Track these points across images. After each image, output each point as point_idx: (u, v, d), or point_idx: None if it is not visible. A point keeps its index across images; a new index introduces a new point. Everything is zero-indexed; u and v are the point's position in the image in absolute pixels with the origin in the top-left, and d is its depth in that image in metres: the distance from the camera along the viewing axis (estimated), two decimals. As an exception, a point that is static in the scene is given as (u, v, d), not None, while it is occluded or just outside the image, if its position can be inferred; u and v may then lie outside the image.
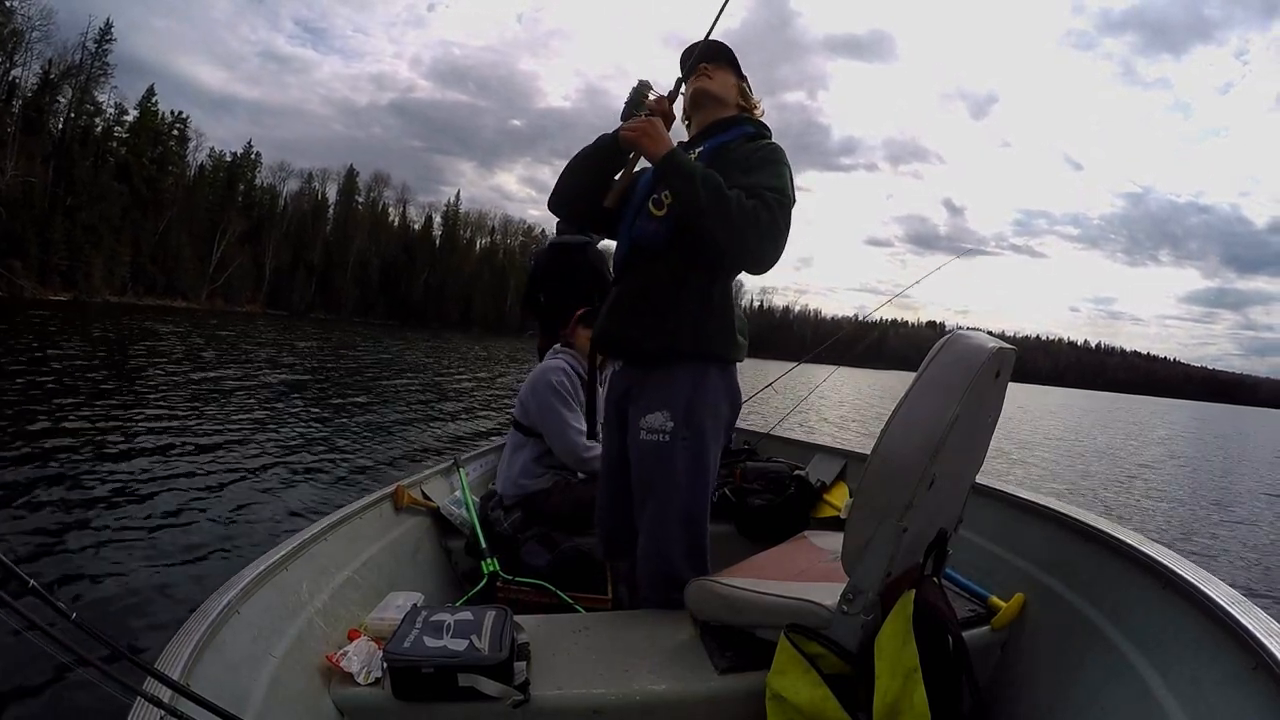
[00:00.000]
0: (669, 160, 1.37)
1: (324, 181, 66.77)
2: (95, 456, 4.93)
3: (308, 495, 4.50)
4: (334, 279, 62.08)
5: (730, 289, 1.51)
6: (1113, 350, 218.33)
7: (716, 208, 1.30)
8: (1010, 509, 1.52)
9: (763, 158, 1.43)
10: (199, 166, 54.14)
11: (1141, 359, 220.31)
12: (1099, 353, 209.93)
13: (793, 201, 1.40)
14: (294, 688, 1.09)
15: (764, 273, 1.41)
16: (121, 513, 3.78)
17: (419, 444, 6.72)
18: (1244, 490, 10.02)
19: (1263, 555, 5.83)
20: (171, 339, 16.72)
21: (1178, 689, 0.93)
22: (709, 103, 1.57)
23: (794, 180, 1.44)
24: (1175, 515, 7.38)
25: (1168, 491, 9.03)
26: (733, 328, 1.47)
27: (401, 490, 1.93)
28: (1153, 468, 11.70)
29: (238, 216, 53.06)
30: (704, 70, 1.57)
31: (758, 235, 1.31)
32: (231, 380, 9.87)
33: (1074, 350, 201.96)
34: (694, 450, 1.44)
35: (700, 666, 1.21)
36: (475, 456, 2.60)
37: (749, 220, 1.30)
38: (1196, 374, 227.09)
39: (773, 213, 1.31)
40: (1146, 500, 8.10)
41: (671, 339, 1.44)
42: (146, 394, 7.83)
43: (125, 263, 40.83)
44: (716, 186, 1.31)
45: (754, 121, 1.58)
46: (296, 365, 13.87)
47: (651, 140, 1.39)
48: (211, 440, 5.80)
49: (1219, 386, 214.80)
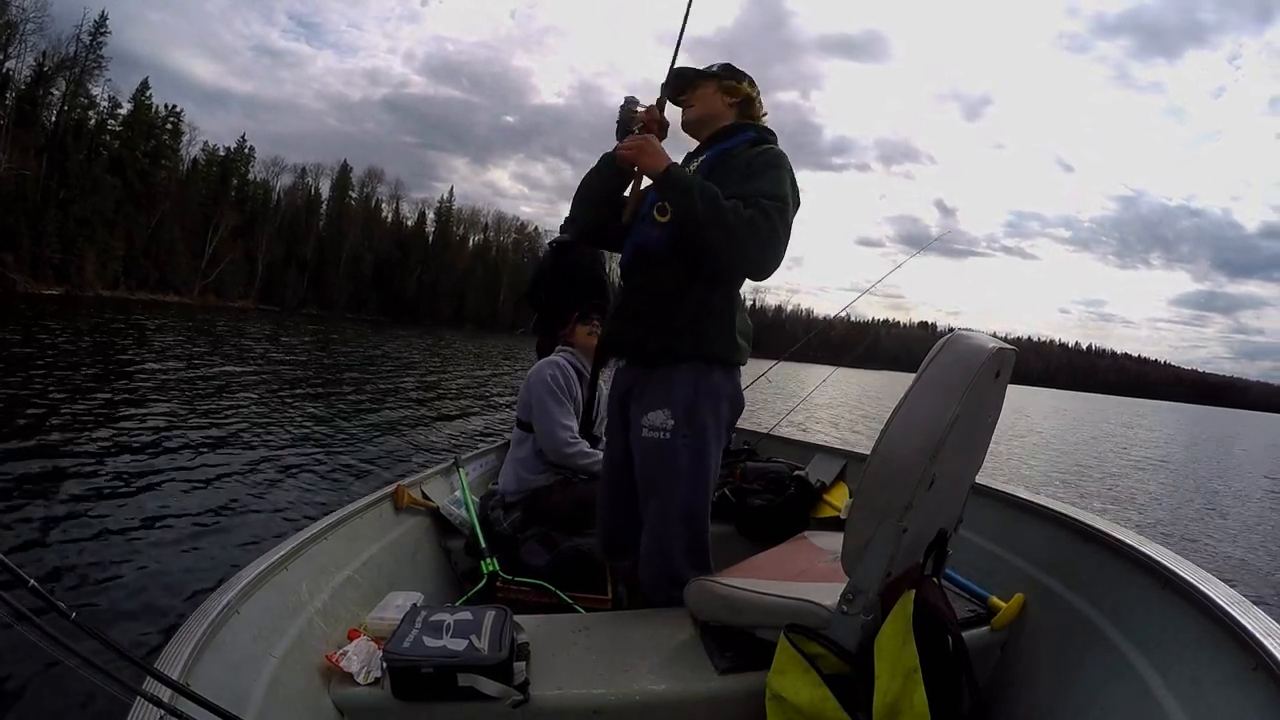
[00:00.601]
0: (666, 176, 1.40)
1: (317, 177, 66.37)
2: (94, 455, 4.90)
3: (307, 494, 4.49)
4: (326, 275, 61.64)
5: (734, 293, 1.52)
6: (1104, 352, 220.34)
7: (714, 219, 1.32)
8: (1010, 509, 1.52)
9: (764, 163, 1.44)
10: (192, 160, 53.69)
11: (1132, 361, 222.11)
12: (1090, 354, 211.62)
13: (795, 206, 1.42)
14: (294, 687, 1.09)
15: (765, 278, 1.42)
16: (121, 511, 3.77)
17: (416, 443, 6.71)
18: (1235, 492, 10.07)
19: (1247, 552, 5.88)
20: (166, 335, 16.65)
21: (1178, 689, 0.94)
22: (699, 126, 1.60)
23: (796, 184, 1.45)
24: (1163, 512, 7.44)
25: (1157, 492, 9.10)
26: (734, 331, 1.49)
27: (401, 490, 1.93)
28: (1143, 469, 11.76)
29: (231, 211, 52.61)
30: (682, 101, 1.60)
31: (757, 244, 1.33)
32: (227, 378, 9.84)
33: (1065, 352, 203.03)
34: (694, 448, 1.46)
35: (700, 666, 1.21)
36: (475, 456, 2.60)
37: (747, 230, 1.32)
38: (1187, 376, 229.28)
39: (771, 221, 1.33)
40: (1136, 499, 8.16)
41: (674, 340, 1.46)
42: (145, 391, 7.80)
43: (118, 257, 40.44)
44: (713, 198, 1.33)
45: (757, 126, 1.58)
46: (290, 361, 13.85)
47: (647, 156, 1.43)
48: (211, 439, 5.78)
49: (1209, 389, 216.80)
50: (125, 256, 41.24)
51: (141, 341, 14.27)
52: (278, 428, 6.58)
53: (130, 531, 3.44)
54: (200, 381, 9.06)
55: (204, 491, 4.32)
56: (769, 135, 1.58)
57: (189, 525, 3.64)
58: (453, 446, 6.33)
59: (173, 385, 8.39)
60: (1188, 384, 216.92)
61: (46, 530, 3.35)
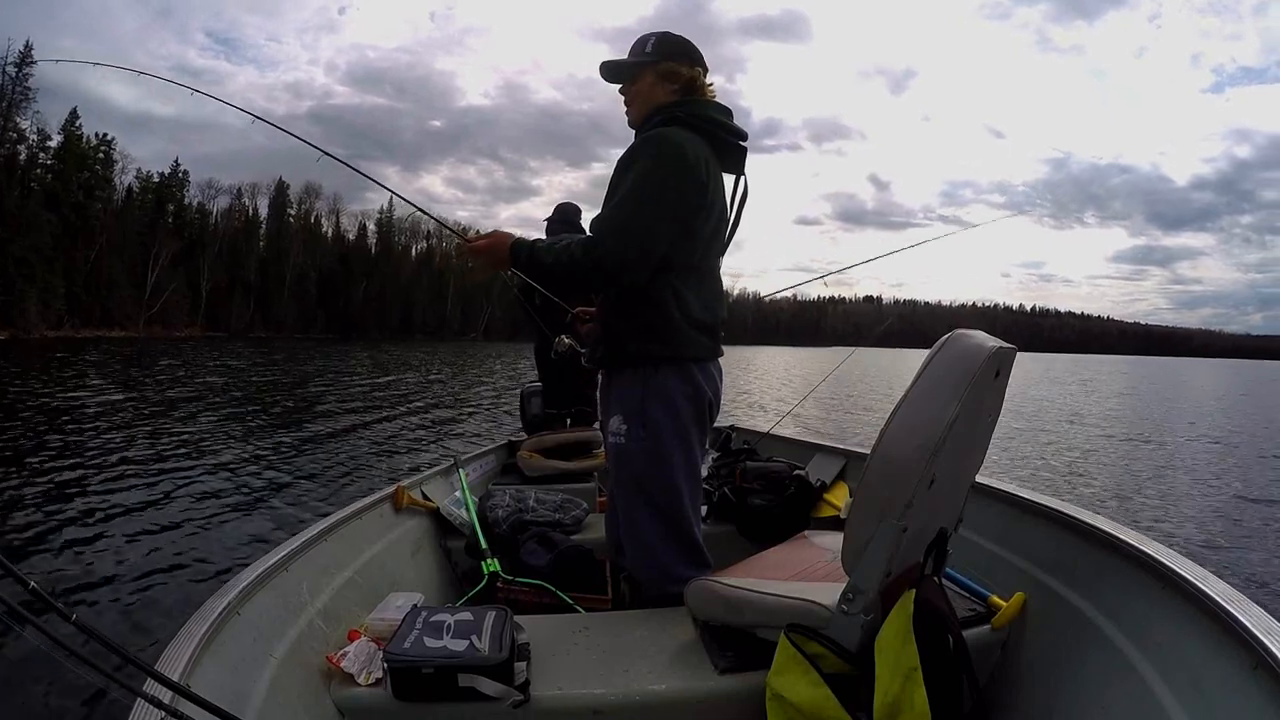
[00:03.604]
0: (514, 262, 1.49)
1: (254, 196, 65.41)
2: (95, 460, 4.93)
3: (302, 500, 4.50)
4: (272, 296, 61.00)
5: (676, 287, 1.44)
6: (1047, 312, 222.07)
7: (553, 274, 1.46)
8: (1010, 508, 1.52)
9: (624, 162, 1.44)
10: (126, 189, 52.18)
11: (1076, 319, 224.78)
12: (1034, 315, 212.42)
13: (656, 176, 1.38)
14: (294, 688, 1.09)
15: (634, 278, 1.41)
16: (122, 515, 3.79)
17: (406, 449, 6.73)
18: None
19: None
20: (122, 369, 16.61)
21: (1178, 688, 0.93)
22: (642, 115, 1.54)
23: (678, 150, 1.40)
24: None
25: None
26: (680, 325, 1.44)
27: (401, 491, 1.93)
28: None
29: (169, 238, 51.85)
30: (623, 94, 1.57)
31: (588, 265, 1.39)
32: (182, 404, 9.90)
33: (1010, 314, 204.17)
34: (650, 449, 1.46)
35: (700, 666, 1.21)
36: (475, 457, 2.60)
37: (578, 264, 1.39)
38: (1131, 330, 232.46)
39: (589, 248, 1.38)
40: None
41: (619, 344, 1.48)
42: (118, 419, 7.85)
43: (60, 295, 39.15)
44: (539, 262, 1.45)
45: (662, 110, 1.50)
46: (267, 384, 13.89)
47: (490, 261, 1.53)
48: (209, 446, 5.82)
49: (1153, 341, 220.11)
50: (66, 294, 39.83)
51: (103, 376, 14.52)
52: (277, 439, 6.62)
53: (132, 534, 3.46)
54: (145, 407, 9.16)
55: (205, 496, 4.34)
56: (667, 113, 1.48)
57: (190, 528, 3.66)
58: (440, 454, 6.36)
59: (128, 414, 8.41)
60: (1132, 337, 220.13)
61: (47, 533, 3.37)
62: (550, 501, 2.22)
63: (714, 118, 1.50)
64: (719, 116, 1.52)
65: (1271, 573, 4.09)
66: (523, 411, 3.38)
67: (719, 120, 1.51)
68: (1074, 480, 6.93)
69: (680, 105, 1.49)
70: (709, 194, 1.45)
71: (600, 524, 1.90)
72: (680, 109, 1.48)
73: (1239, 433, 11.80)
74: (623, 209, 1.38)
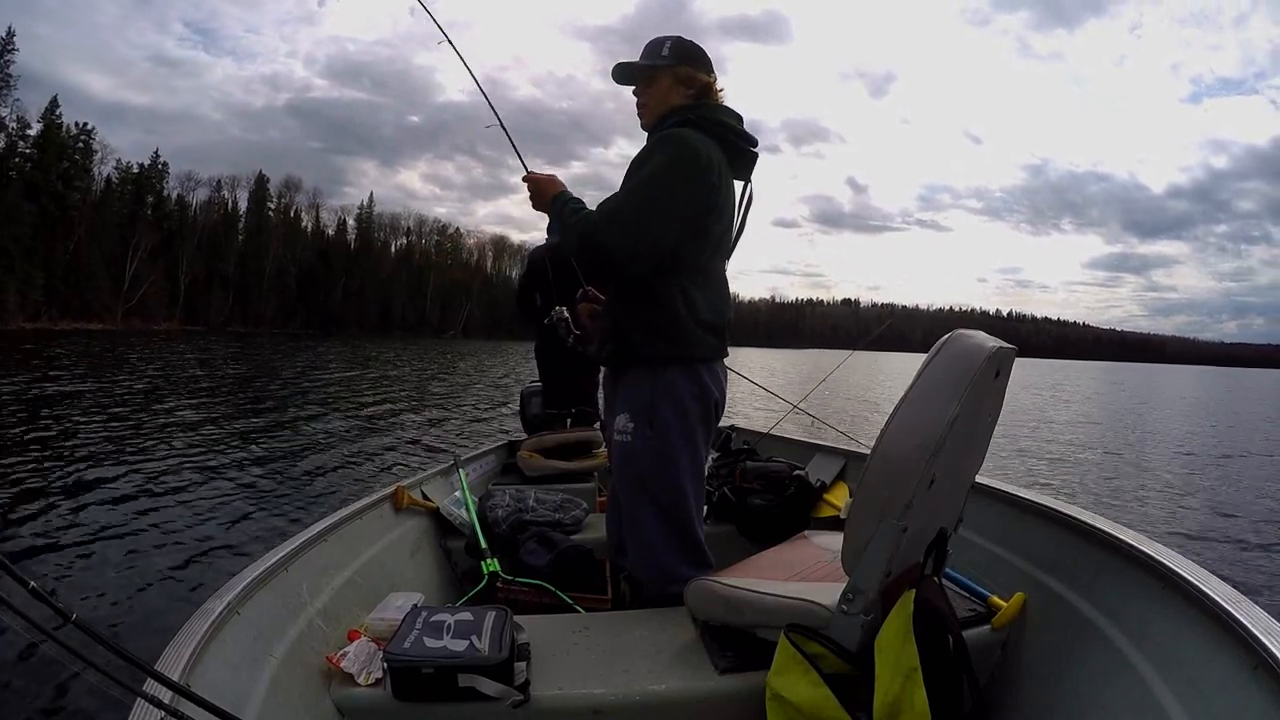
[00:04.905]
0: (551, 207, 1.53)
1: (234, 190, 64.76)
2: (95, 461, 4.94)
3: (299, 505, 4.50)
4: (251, 290, 60.41)
5: (684, 286, 1.45)
6: (1024, 317, 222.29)
7: (565, 236, 1.47)
8: (1010, 508, 1.52)
9: (640, 158, 1.45)
10: (105, 180, 51.39)
11: (1052, 324, 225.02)
12: (1010, 320, 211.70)
13: (669, 175, 1.40)
14: (294, 688, 1.09)
15: (624, 268, 1.42)
16: (122, 515, 3.79)
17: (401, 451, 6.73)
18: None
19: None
20: (108, 364, 16.46)
21: (1178, 689, 0.93)
22: (657, 117, 1.55)
23: (692, 151, 1.41)
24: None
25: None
26: (688, 325, 1.45)
27: (401, 491, 1.93)
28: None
29: (149, 230, 51.21)
30: (637, 96, 1.58)
31: (606, 233, 1.38)
32: (223, 394, 9.89)
33: (986, 319, 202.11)
34: (657, 449, 1.46)
35: (700, 666, 1.21)
36: (475, 457, 2.60)
37: (580, 236, 1.41)
38: (1106, 336, 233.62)
39: (589, 228, 1.40)
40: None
41: (626, 342, 1.48)
42: (113, 413, 7.83)
43: (38, 286, 38.82)
44: (562, 218, 1.47)
45: (677, 112, 1.51)
46: (265, 381, 13.87)
47: (538, 196, 1.56)
48: (207, 446, 5.82)
49: (1128, 347, 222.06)
50: (45, 285, 39.59)
51: (89, 370, 14.45)
52: (276, 439, 6.61)
53: (131, 535, 3.46)
54: (142, 404, 9.14)
55: (204, 497, 4.33)
56: (680, 115, 1.49)
57: (190, 528, 3.66)
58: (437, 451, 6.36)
59: (124, 410, 8.35)
60: (1107, 343, 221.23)
61: (47, 534, 3.37)
62: (550, 501, 2.22)
63: (727, 122, 1.52)
64: (732, 122, 1.53)
65: (1272, 572, 4.09)
66: (523, 411, 3.37)
67: (732, 125, 1.52)
68: (1069, 481, 6.93)
69: (695, 108, 1.50)
70: (720, 196, 1.46)
71: (600, 524, 1.90)
72: (695, 112, 1.49)
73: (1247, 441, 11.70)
74: (629, 199, 1.40)
